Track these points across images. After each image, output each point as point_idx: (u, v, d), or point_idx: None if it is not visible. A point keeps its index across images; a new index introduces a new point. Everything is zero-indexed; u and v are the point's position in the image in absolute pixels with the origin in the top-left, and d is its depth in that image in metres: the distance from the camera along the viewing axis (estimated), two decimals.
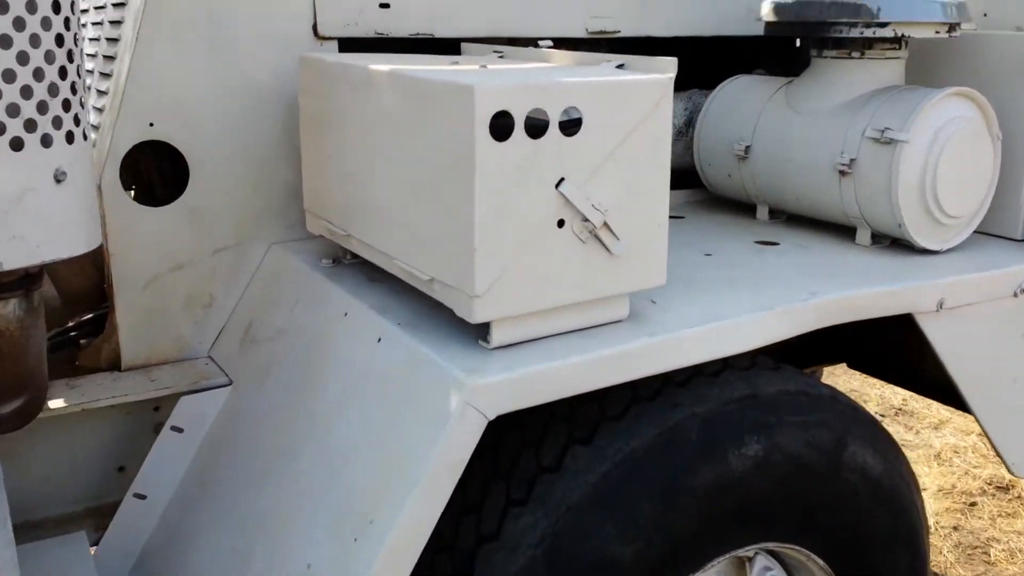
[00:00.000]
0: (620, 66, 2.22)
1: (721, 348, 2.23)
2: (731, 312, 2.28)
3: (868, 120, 2.84)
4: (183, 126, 2.63)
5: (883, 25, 2.80)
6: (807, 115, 3.05)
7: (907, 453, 3.80)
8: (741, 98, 3.32)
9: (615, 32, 3.33)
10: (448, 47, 3.03)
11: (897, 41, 2.92)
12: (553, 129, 1.93)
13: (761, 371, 2.39)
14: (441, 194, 1.96)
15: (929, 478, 5.48)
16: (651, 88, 2.04)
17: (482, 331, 2.04)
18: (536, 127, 1.91)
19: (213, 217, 2.72)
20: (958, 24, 2.87)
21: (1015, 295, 2.78)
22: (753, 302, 2.36)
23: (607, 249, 2.06)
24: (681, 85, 3.72)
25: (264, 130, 2.75)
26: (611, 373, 2.07)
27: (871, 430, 2.47)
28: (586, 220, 2.00)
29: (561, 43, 3.63)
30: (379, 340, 2.14)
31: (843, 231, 3.07)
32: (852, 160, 2.86)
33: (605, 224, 2.03)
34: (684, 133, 3.54)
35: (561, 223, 1.99)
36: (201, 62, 2.63)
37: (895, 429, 6.11)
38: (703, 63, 3.75)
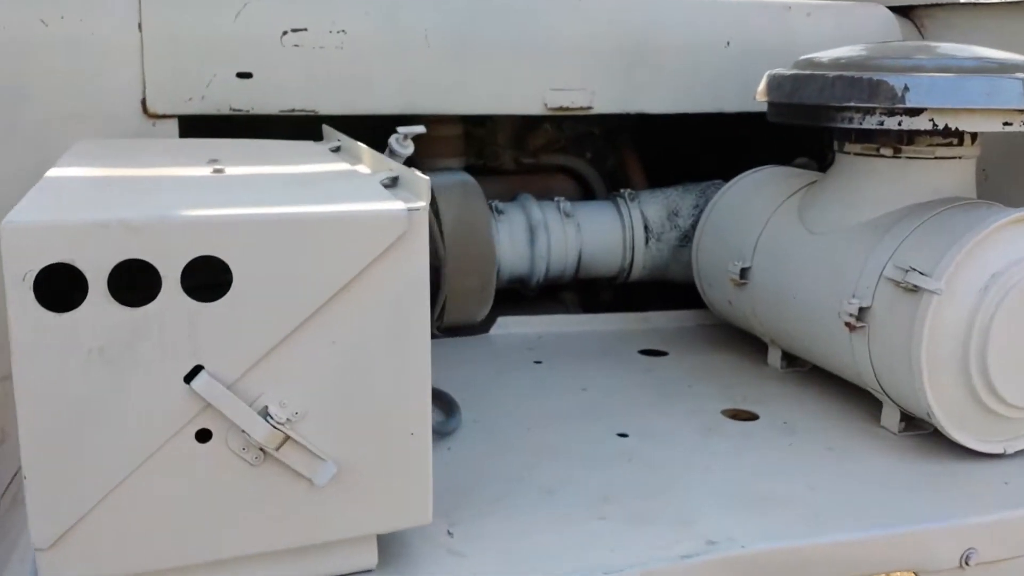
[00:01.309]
0: (391, 182, 1.45)
1: None
2: (556, 564, 1.44)
3: (890, 252, 1.89)
4: None
5: (914, 112, 1.85)
6: (820, 235, 2.12)
7: None
8: (748, 202, 2.41)
9: (585, 108, 2.53)
10: (342, 129, 2.35)
11: (952, 134, 1.95)
12: (172, 291, 1.19)
13: None
14: None
15: None
16: (374, 227, 1.27)
17: None
18: (143, 288, 1.19)
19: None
20: None
21: None
22: (612, 545, 1.49)
23: (305, 475, 1.29)
24: (696, 175, 2.84)
25: None
26: None
27: None
28: (244, 432, 1.25)
29: (511, 123, 2.86)
30: None
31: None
32: (864, 309, 1.91)
33: (288, 438, 1.27)
34: (691, 238, 2.66)
35: (205, 435, 1.25)
36: None
37: None
38: (729, 146, 2.85)
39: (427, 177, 1.36)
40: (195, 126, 2.26)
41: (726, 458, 1.84)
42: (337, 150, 1.92)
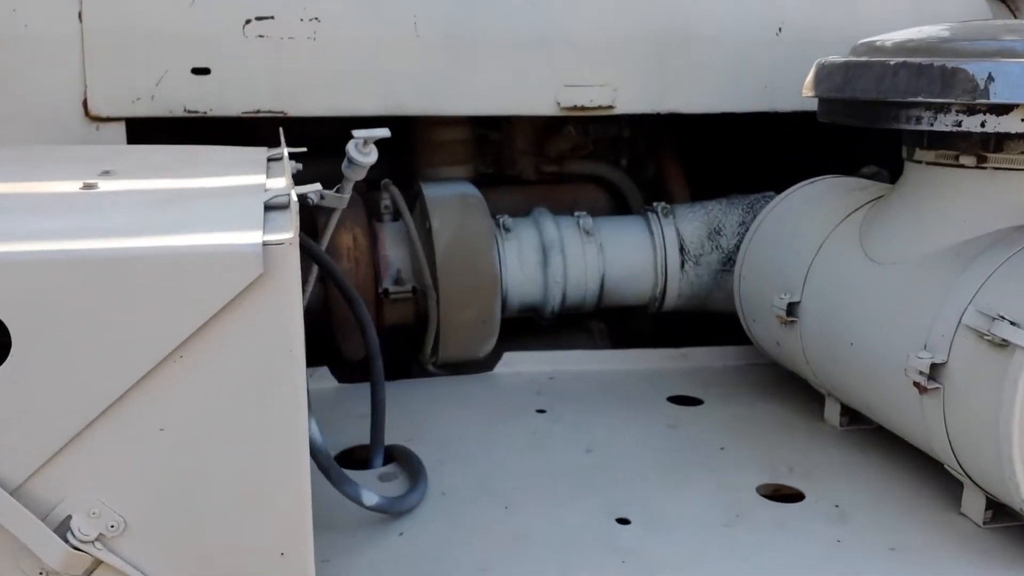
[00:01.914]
0: (272, 206, 1.10)
1: None
2: None
3: (972, 293, 1.46)
4: None
5: (1003, 110, 1.41)
6: (884, 265, 1.69)
7: None
8: (799, 221, 1.99)
9: (606, 108, 2.14)
10: (317, 133, 2.03)
11: None
12: None
13: None
14: None
15: None
16: (215, 268, 0.91)
17: None
18: None
19: None
20: None
21: None
22: None
23: None
24: (748, 185, 2.42)
25: None
26: None
27: None
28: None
29: (530, 125, 2.48)
30: None
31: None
32: (938, 366, 1.48)
33: (99, 563, 0.93)
34: (734, 260, 2.24)
35: None
36: None
37: None
38: (786, 151, 2.42)
39: (291, 212, 1.01)
40: (147, 130, 1.96)
41: (753, 559, 1.43)
42: (279, 159, 1.59)
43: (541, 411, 2.00)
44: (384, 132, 1.65)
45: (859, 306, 1.71)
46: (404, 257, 2.16)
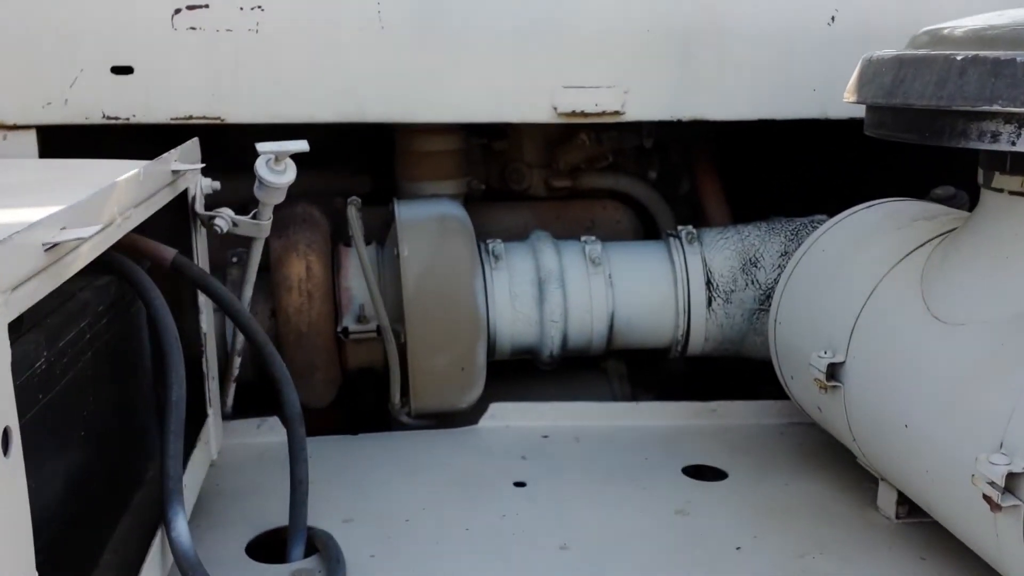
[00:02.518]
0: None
1: None
2: None
3: None
4: None
5: None
6: (951, 325, 1.28)
7: None
8: (847, 257, 1.58)
9: (613, 113, 1.77)
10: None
11: None
12: None
13: None
14: None
15: None
16: None
17: None
18: None
19: None
20: None
21: None
22: None
23: None
24: (792, 205, 2.01)
25: None
26: None
27: None
28: None
29: (541, 133, 2.12)
30: None
31: None
32: (1019, 476, 1.07)
33: None
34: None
35: None
36: None
37: None
38: (845, 163, 2.01)
39: (234, 223, 0.71)
40: (64, 140, 1.67)
41: None
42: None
43: (520, 484, 1.63)
44: (300, 145, 1.32)
45: (917, 378, 1.30)
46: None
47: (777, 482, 1.67)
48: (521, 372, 2.04)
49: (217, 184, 1.43)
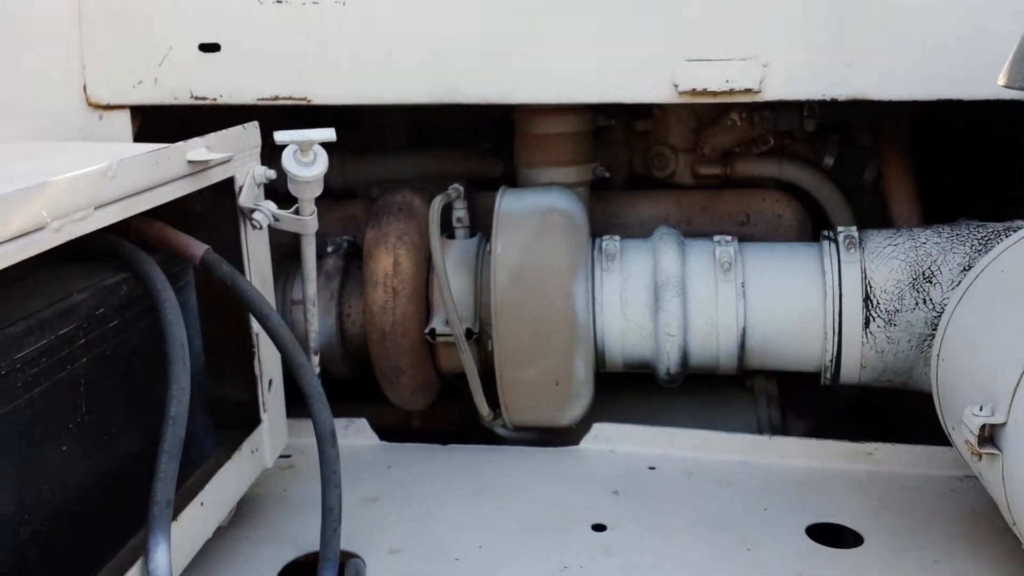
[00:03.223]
0: None
1: None
2: None
3: None
4: None
5: None
6: None
7: None
8: None
9: (748, 91, 1.47)
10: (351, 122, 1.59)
11: None
12: None
13: None
14: None
15: None
16: None
17: None
18: None
19: None
20: None
21: None
22: None
23: None
24: (995, 205, 1.62)
25: None
26: None
27: None
28: None
29: (690, 113, 1.83)
30: None
31: None
32: None
33: None
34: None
35: None
36: None
37: None
38: None
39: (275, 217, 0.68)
40: (157, 119, 1.63)
41: None
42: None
43: (599, 528, 1.41)
44: (325, 133, 1.17)
45: None
46: (464, 287, 1.65)
47: (924, 557, 1.33)
48: (652, 383, 1.80)
49: (272, 173, 1.31)
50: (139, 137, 1.64)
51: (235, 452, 1.35)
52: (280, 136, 1.16)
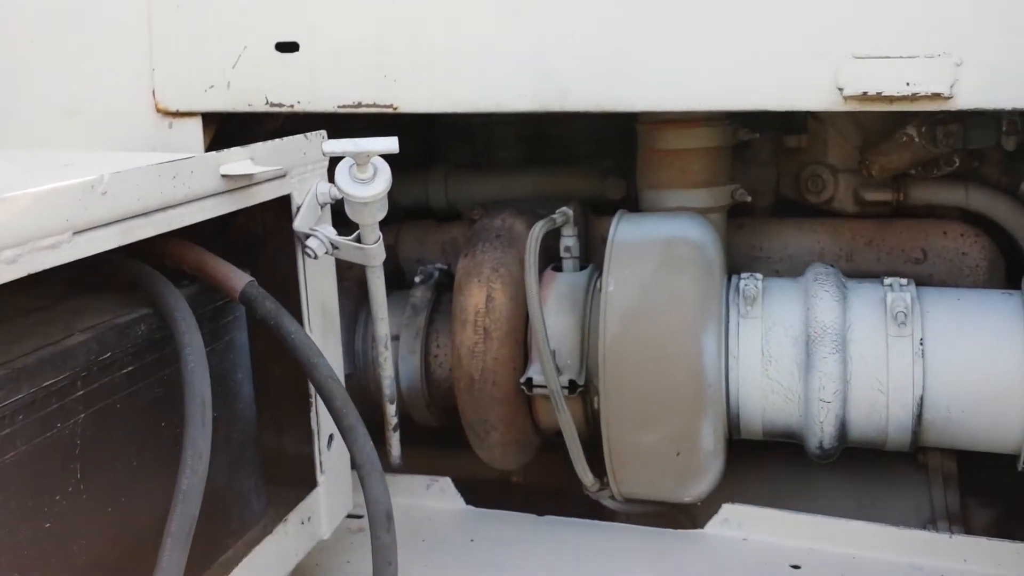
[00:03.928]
0: None
1: None
2: None
3: None
4: None
5: None
6: None
7: None
8: None
9: (936, 96, 1.15)
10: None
11: None
12: None
13: None
14: None
15: None
16: None
17: None
18: None
19: None
20: None
21: None
22: None
23: None
24: None
25: None
26: None
27: None
28: None
29: (841, 122, 1.51)
30: None
31: None
32: None
33: None
34: None
35: None
36: None
37: None
38: None
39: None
40: (229, 125, 1.45)
41: None
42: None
43: None
44: (387, 143, 0.93)
45: None
46: (570, 330, 1.39)
47: None
48: (797, 451, 1.48)
49: (336, 191, 1.09)
50: (212, 148, 1.46)
51: (280, 522, 1.13)
52: (329, 146, 0.94)
